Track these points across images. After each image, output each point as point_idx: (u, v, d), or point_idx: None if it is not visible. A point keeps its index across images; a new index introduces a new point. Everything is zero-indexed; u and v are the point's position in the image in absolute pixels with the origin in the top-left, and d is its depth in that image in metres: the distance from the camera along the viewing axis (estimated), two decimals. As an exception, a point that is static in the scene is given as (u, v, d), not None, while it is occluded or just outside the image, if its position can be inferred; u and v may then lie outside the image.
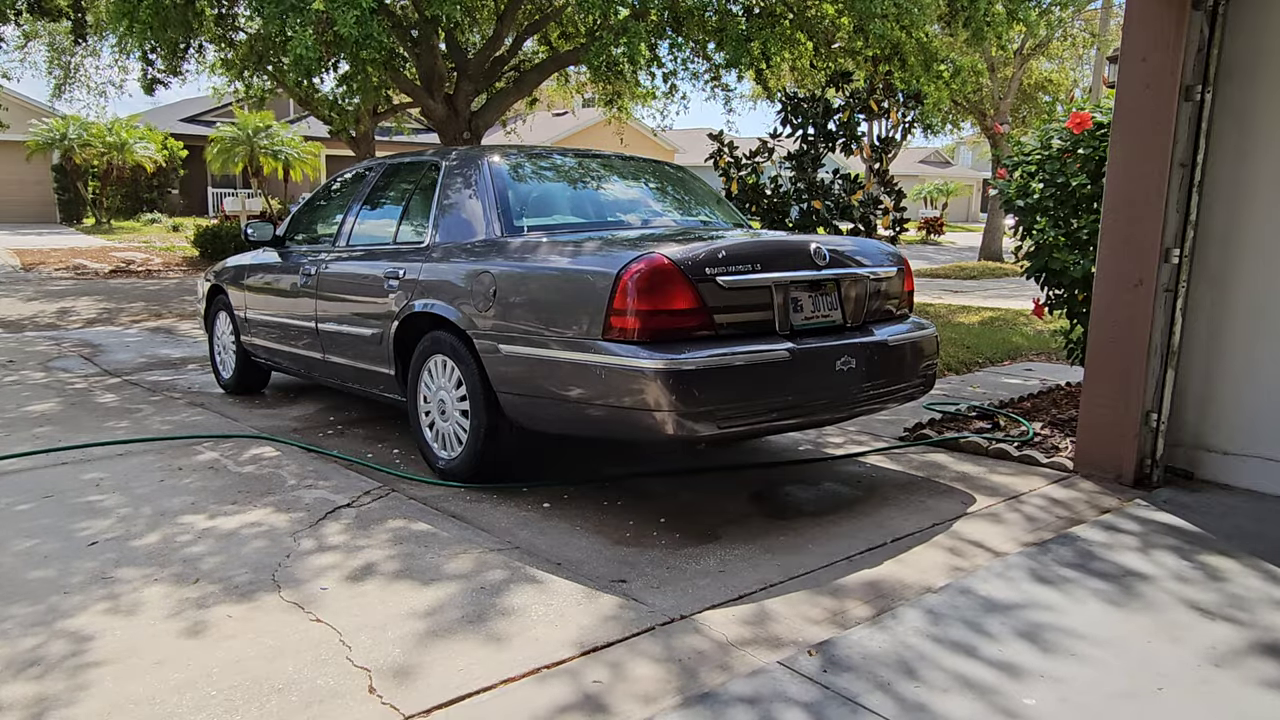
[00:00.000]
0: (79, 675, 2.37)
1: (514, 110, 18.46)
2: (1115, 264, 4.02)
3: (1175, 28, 3.77)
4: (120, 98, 78.45)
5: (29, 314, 9.98)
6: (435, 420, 4.14)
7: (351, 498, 3.81)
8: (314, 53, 8.93)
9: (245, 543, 3.30)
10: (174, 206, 29.33)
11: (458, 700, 2.25)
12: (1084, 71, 25.49)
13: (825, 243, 3.84)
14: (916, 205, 39.50)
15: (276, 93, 13.72)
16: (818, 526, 3.53)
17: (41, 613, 2.72)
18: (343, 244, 4.99)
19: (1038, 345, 8.02)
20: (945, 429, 4.96)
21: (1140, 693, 2.33)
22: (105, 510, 3.63)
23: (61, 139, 25.41)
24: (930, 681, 2.36)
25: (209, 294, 6.26)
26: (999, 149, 21.37)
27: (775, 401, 3.48)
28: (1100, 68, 18.73)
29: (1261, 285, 3.90)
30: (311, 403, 5.72)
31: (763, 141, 8.07)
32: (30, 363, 6.98)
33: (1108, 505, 3.78)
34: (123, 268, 15.38)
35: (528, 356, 3.61)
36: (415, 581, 2.96)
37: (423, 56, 12.35)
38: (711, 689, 2.31)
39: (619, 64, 10.83)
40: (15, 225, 26.04)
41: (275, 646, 2.52)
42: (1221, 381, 4.03)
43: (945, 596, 2.87)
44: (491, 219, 4.10)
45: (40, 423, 5.07)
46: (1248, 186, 3.90)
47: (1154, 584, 2.99)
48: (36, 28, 15.93)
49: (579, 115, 31.70)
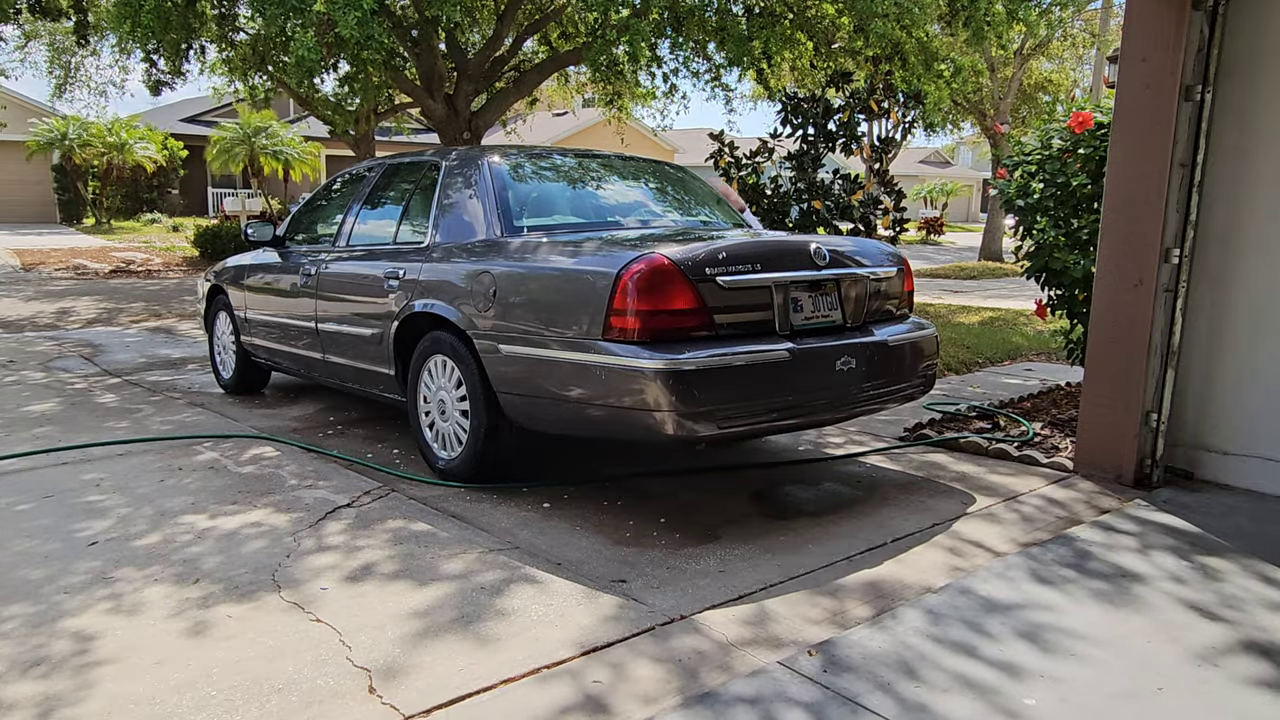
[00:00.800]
0: (79, 675, 2.37)
1: (514, 110, 18.46)
2: (1115, 264, 4.02)
3: (1175, 28, 3.77)
4: (121, 97, 78.56)
5: (29, 314, 9.99)
6: (435, 420, 4.14)
7: (351, 498, 3.81)
8: (315, 54, 8.94)
9: (245, 543, 3.30)
10: (174, 206, 29.33)
11: (458, 700, 2.25)
12: (1084, 71, 25.50)
13: (825, 243, 3.84)
14: (916, 205, 39.50)
15: (277, 93, 13.72)
16: (818, 526, 3.53)
17: (42, 613, 2.72)
18: (343, 244, 4.99)
19: (1038, 345, 8.02)
20: (945, 429, 4.96)
21: (1140, 693, 2.33)
22: (105, 510, 3.63)
23: (61, 139, 25.43)
24: (931, 681, 2.36)
25: (209, 294, 6.26)
26: (999, 149, 21.36)
27: (775, 401, 3.48)
28: (1100, 68, 18.73)
29: (1261, 285, 3.90)
30: (311, 403, 5.72)
31: (763, 141, 8.07)
32: (30, 363, 6.98)
33: (1107, 505, 3.78)
34: (123, 268, 15.39)
35: (528, 356, 3.61)
36: (415, 581, 2.97)
37: (423, 57, 12.36)
38: (712, 689, 2.31)
39: (620, 64, 10.83)
40: (15, 225, 26.05)
41: (275, 646, 2.52)
42: (1221, 381, 4.03)
43: (945, 596, 2.87)
44: (491, 219, 4.10)
45: (40, 423, 5.07)
46: (1248, 186, 3.90)
47: (1154, 584, 2.99)
48: (37, 28, 15.93)
49: (579, 115, 31.71)
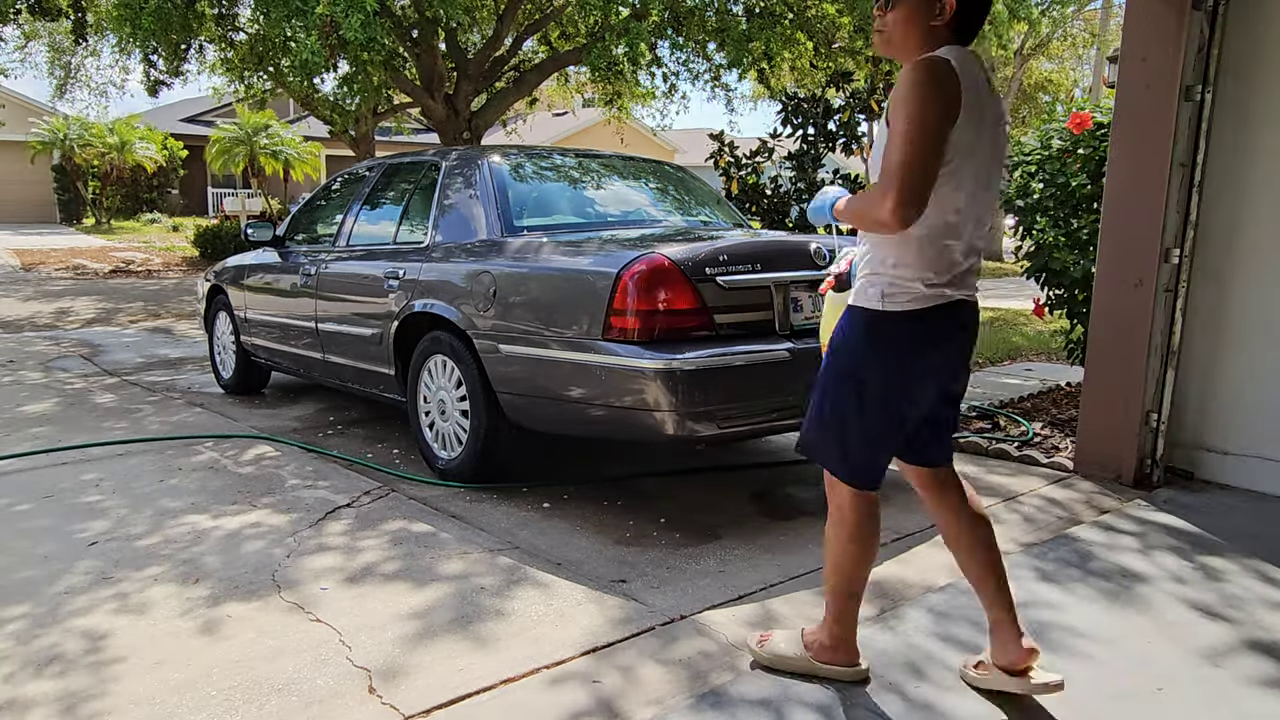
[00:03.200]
0: (79, 676, 2.37)
1: (514, 110, 18.45)
2: (1115, 264, 4.02)
3: (1175, 27, 3.76)
4: (121, 98, 78.49)
5: (28, 314, 9.98)
6: (435, 420, 4.14)
7: (351, 498, 3.81)
8: (319, 56, 8.94)
9: (245, 543, 3.30)
10: (174, 206, 29.32)
11: (458, 700, 2.25)
12: (1084, 71, 25.51)
13: (825, 243, 3.84)
14: (916, 205, 39.42)
15: (276, 93, 13.73)
16: (818, 526, 3.51)
17: (42, 614, 2.72)
18: (343, 244, 4.99)
19: (1038, 345, 8.02)
20: (945, 429, 4.95)
21: (1140, 692, 2.32)
22: (105, 511, 3.63)
23: (62, 139, 25.42)
24: (937, 680, 2.36)
25: (209, 294, 6.25)
26: (999, 149, 21.32)
27: (775, 401, 3.47)
28: (1100, 68, 18.73)
29: (1262, 285, 3.90)
30: (311, 403, 5.72)
31: (763, 141, 8.07)
32: (29, 363, 6.98)
33: (1107, 505, 3.78)
34: (122, 268, 15.39)
35: (528, 356, 3.61)
36: (415, 582, 2.96)
37: (423, 57, 12.35)
38: (717, 688, 2.30)
39: (619, 64, 10.83)
40: (15, 225, 26.04)
41: (275, 647, 2.52)
42: (1221, 381, 4.03)
43: (948, 595, 2.87)
44: (491, 219, 4.10)
45: (39, 423, 5.07)
46: (1248, 186, 3.90)
47: (1155, 584, 2.99)
48: (36, 28, 15.92)
49: (579, 115, 31.67)
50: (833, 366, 2.17)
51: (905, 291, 2.04)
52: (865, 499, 2.23)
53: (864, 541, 2.25)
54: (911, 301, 2.04)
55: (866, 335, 2.10)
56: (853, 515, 2.23)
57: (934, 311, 2.05)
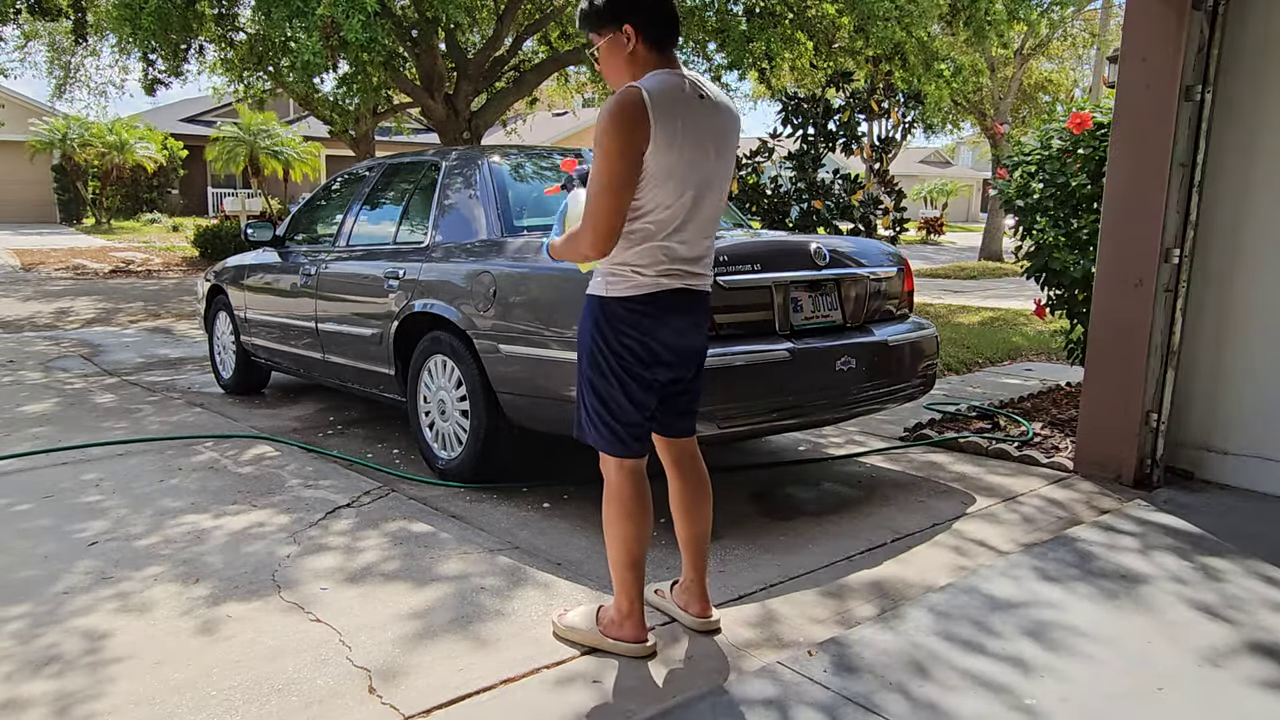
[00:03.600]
0: (79, 676, 2.37)
1: (514, 110, 18.46)
2: (1115, 264, 4.02)
3: (1175, 27, 3.76)
4: (121, 97, 78.45)
5: (27, 314, 9.98)
6: (435, 420, 4.14)
7: (351, 498, 3.81)
8: (320, 57, 8.94)
9: (245, 543, 3.29)
10: (174, 206, 29.33)
11: (458, 700, 2.25)
12: (1084, 71, 25.50)
13: (825, 243, 3.84)
14: (916, 205, 39.49)
15: (276, 93, 13.72)
16: (818, 526, 3.53)
17: (42, 614, 2.72)
18: (343, 244, 4.99)
19: (1038, 345, 8.02)
20: (945, 429, 4.96)
21: (1140, 692, 2.32)
22: (105, 510, 3.63)
23: (62, 139, 25.42)
24: (939, 679, 2.36)
25: (209, 294, 6.25)
26: (999, 149, 21.35)
27: (775, 401, 3.47)
28: (1100, 68, 18.72)
29: (1262, 285, 3.90)
30: (311, 403, 5.72)
31: (763, 141, 8.07)
32: (29, 362, 6.98)
33: (1107, 505, 3.78)
34: (122, 268, 15.38)
35: (528, 356, 3.61)
36: (415, 582, 2.96)
37: (423, 57, 12.35)
38: (719, 688, 2.30)
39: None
40: (15, 225, 26.04)
41: (275, 647, 2.52)
42: (1222, 381, 4.03)
43: (948, 595, 2.87)
44: (491, 219, 4.10)
45: (39, 422, 5.07)
46: (1248, 186, 3.90)
47: (1155, 584, 2.99)
48: (36, 27, 15.91)
49: (579, 115, 31.66)
50: (578, 350, 2.46)
51: (624, 280, 2.34)
52: (631, 472, 2.44)
53: (636, 515, 2.44)
54: (630, 288, 2.33)
55: (597, 316, 2.38)
56: (621, 488, 2.43)
57: (650, 298, 2.33)
